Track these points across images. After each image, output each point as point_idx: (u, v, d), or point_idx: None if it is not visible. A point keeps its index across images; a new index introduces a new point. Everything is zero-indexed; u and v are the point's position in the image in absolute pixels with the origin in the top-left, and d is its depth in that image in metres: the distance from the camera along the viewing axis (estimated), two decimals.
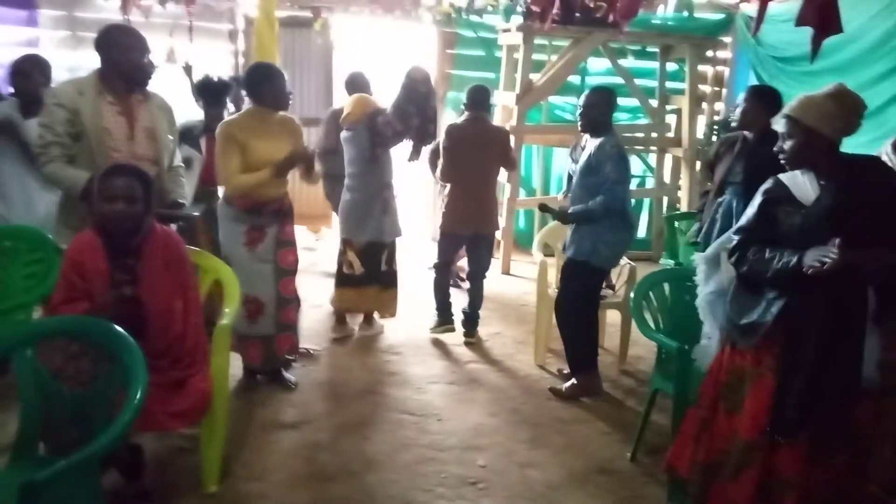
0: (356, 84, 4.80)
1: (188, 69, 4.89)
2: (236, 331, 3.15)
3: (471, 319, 4.43)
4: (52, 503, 1.71)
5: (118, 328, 2.10)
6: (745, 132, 3.46)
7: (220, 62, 6.56)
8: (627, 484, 2.89)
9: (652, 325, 3.07)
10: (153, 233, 2.47)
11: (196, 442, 2.90)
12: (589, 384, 3.71)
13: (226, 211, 3.42)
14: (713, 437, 2.41)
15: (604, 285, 4.12)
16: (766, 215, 2.28)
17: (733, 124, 3.55)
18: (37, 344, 2.17)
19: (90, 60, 2.99)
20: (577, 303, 3.72)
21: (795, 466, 2.28)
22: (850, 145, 2.30)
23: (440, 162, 4.37)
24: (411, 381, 3.78)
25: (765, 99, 3.43)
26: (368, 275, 4.22)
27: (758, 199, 2.34)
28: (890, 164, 2.54)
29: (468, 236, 4.38)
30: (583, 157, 3.64)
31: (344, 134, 4.16)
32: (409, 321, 4.62)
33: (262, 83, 3.35)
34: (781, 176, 2.32)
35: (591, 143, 3.61)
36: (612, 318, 4.38)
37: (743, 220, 2.37)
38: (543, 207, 3.89)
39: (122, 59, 2.84)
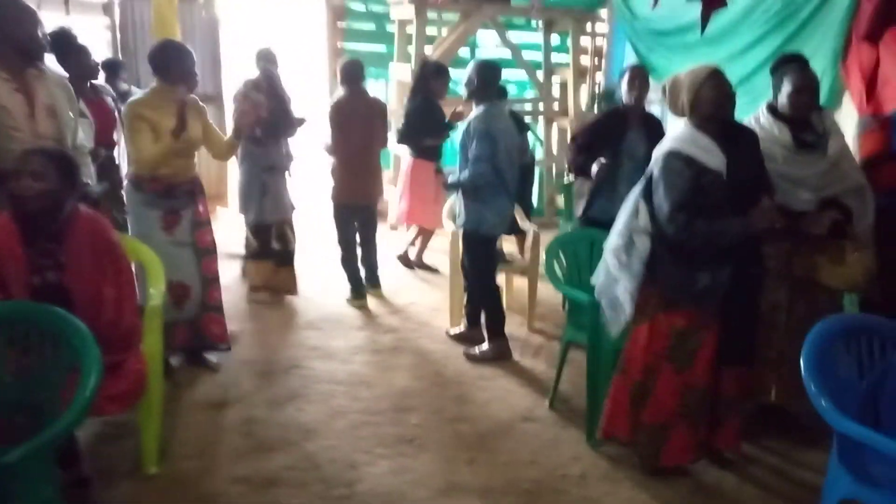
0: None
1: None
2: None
3: (373, 283, 4.76)
4: (13, 490, 1.70)
5: (65, 312, 2.06)
6: (630, 108, 3.69)
7: (96, 36, 6.19)
8: (549, 429, 3.15)
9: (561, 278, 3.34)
10: (77, 217, 2.39)
11: (124, 427, 2.89)
12: (499, 349, 3.90)
13: (137, 196, 3.33)
14: (658, 399, 2.65)
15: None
16: (693, 188, 2.47)
17: (631, 101, 3.71)
18: None
19: None
20: (475, 270, 3.94)
21: (737, 388, 2.71)
22: None
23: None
24: (336, 354, 3.87)
25: (649, 77, 3.74)
26: (261, 251, 4.48)
27: (677, 175, 2.49)
28: (766, 124, 2.88)
29: (359, 206, 4.54)
30: (462, 126, 3.82)
31: None
32: (325, 297, 4.69)
33: (172, 60, 3.28)
34: (682, 150, 2.50)
35: (472, 113, 3.75)
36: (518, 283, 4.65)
37: (674, 196, 2.48)
38: (439, 170, 4.11)
39: (15, 31, 2.70)
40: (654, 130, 3.61)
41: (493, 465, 2.83)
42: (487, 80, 3.72)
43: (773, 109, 2.92)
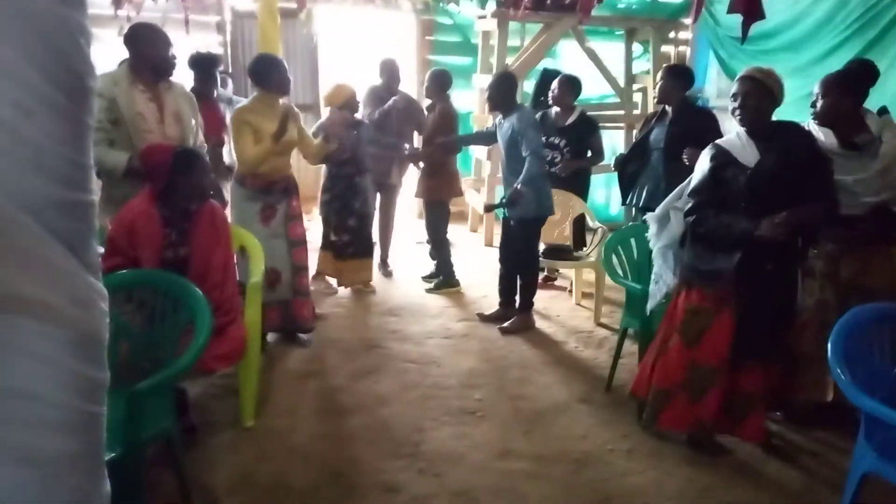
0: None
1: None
2: None
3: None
4: (146, 414, 2.13)
5: (185, 280, 2.52)
6: (666, 105, 3.99)
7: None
8: (603, 410, 3.38)
9: (620, 273, 3.56)
10: (206, 202, 2.89)
11: (225, 389, 3.35)
12: (529, 320, 4.39)
13: (240, 192, 3.83)
14: (666, 367, 2.89)
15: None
16: (715, 178, 2.73)
17: (654, 99, 4.08)
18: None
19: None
20: (532, 252, 4.35)
21: (758, 384, 2.81)
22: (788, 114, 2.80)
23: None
24: (411, 337, 4.24)
25: (680, 76, 3.98)
26: (323, 242, 4.87)
27: (705, 164, 2.78)
28: (814, 129, 3.01)
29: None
30: (504, 134, 4.20)
31: None
32: (406, 286, 5.09)
33: (269, 70, 3.75)
34: (720, 142, 2.78)
35: (507, 121, 4.17)
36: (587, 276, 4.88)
37: (695, 182, 2.82)
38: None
39: (151, 52, 3.22)
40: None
41: (546, 437, 3.09)
42: (509, 91, 4.19)
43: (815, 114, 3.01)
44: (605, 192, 7.63)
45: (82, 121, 0.89)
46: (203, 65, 4.50)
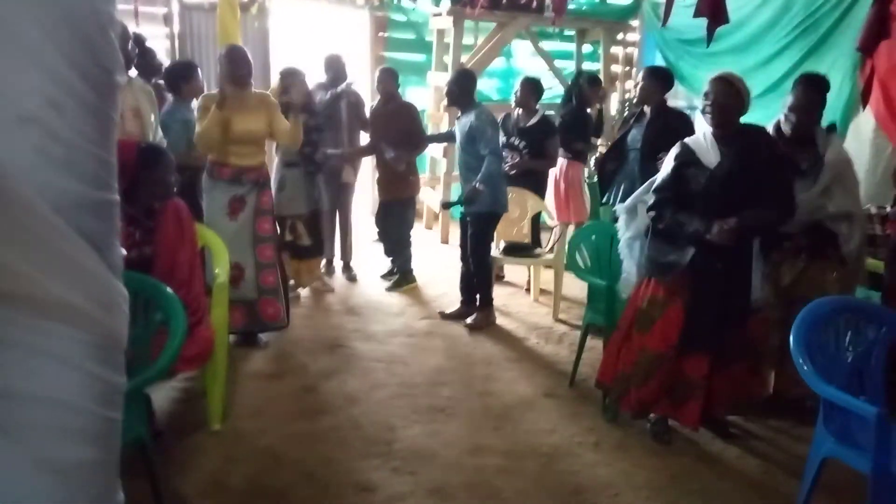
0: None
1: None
2: None
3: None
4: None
5: (157, 281, 2.45)
6: (645, 106, 4.09)
7: (157, 45, 6.68)
8: (568, 404, 3.45)
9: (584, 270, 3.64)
10: (169, 199, 2.82)
11: (189, 392, 3.28)
12: (490, 316, 4.47)
13: (209, 182, 3.75)
14: (627, 352, 3.02)
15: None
16: (677, 176, 2.86)
17: (634, 100, 4.20)
18: None
19: None
20: (484, 247, 4.43)
21: (700, 372, 2.91)
22: (749, 118, 2.90)
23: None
24: (374, 336, 4.22)
25: (660, 78, 4.09)
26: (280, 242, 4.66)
27: (671, 161, 2.90)
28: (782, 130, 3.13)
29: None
30: (462, 130, 4.29)
31: None
32: (364, 286, 5.07)
33: (229, 66, 3.67)
34: (687, 141, 2.90)
35: (465, 117, 4.27)
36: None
37: (659, 179, 2.94)
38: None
39: None
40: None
41: (516, 432, 3.14)
42: (469, 88, 4.27)
43: (777, 126, 3.13)
44: None
45: (110, 117, 0.87)
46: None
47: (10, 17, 0.72)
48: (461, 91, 4.27)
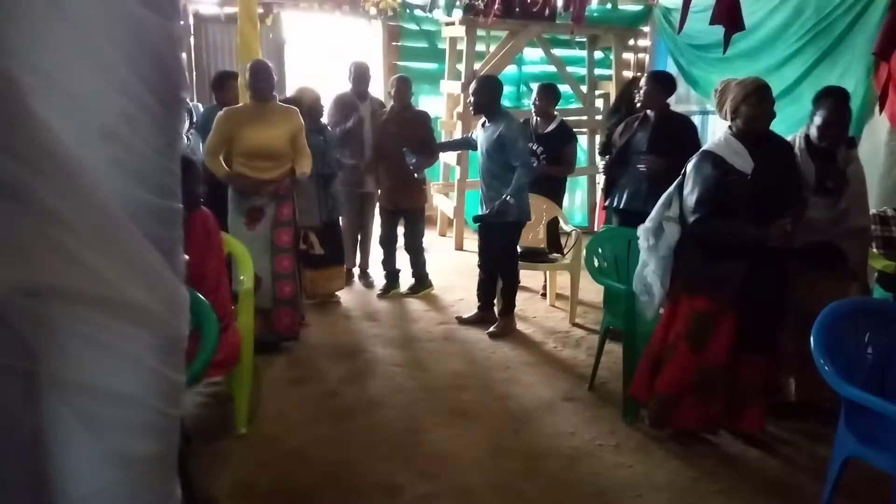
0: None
1: None
2: None
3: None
4: None
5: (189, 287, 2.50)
6: (648, 111, 4.12)
7: None
8: (587, 407, 3.48)
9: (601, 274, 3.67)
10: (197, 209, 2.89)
11: (216, 397, 3.34)
12: (512, 323, 4.48)
13: (231, 191, 3.83)
14: (671, 372, 2.97)
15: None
16: (718, 186, 2.81)
17: (637, 104, 4.21)
18: None
19: None
20: (512, 255, 4.44)
21: (758, 377, 2.98)
22: None
23: None
24: (393, 341, 4.27)
25: (662, 82, 4.12)
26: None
27: (706, 172, 2.82)
28: (800, 156, 3.09)
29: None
30: (488, 137, 4.25)
31: None
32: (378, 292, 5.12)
33: (249, 79, 3.75)
34: (714, 150, 2.85)
35: (492, 125, 4.25)
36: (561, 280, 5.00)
37: (699, 192, 2.83)
38: (477, 219, 4.45)
39: None
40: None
41: (536, 435, 3.17)
42: (496, 95, 4.27)
43: (807, 139, 3.13)
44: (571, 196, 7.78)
45: (176, 130, 0.92)
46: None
47: (92, 36, 0.77)
48: (487, 99, 4.24)
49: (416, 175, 4.76)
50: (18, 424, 0.80)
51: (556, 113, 5.02)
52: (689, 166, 2.92)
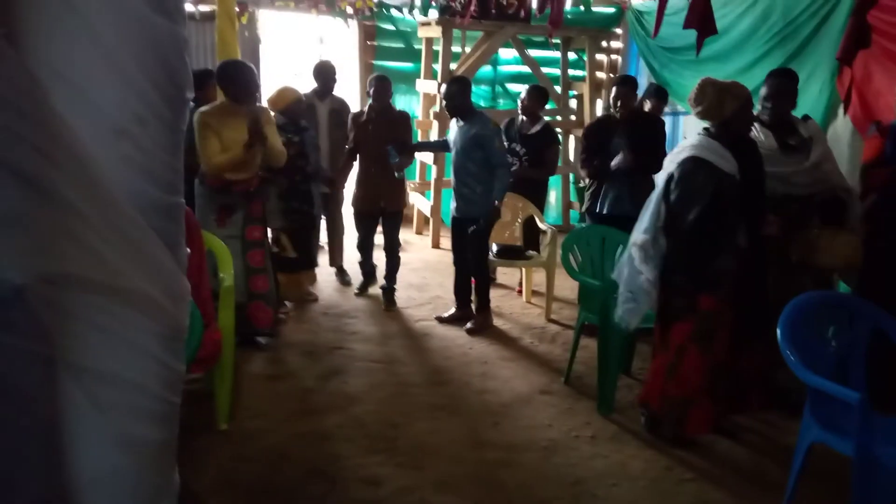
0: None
1: None
2: None
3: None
4: None
5: None
6: (621, 113, 4.21)
7: None
8: (564, 400, 3.56)
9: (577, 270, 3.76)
10: None
11: (193, 393, 3.33)
12: (489, 318, 4.56)
13: (199, 189, 3.81)
14: (684, 376, 2.99)
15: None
16: (716, 191, 2.84)
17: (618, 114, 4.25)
18: None
19: None
20: (483, 251, 4.52)
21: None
22: None
23: None
24: (372, 338, 4.31)
25: (629, 83, 4.25)
26: None
27: (701, 181, 2.85)
28: (756, 132, 3.29)
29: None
30: (463, 136, 4.30)
31: None
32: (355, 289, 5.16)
33: (227, 81, 3.75)
34: (701, 156, 2.87)
35: (467, 124, 4.30)
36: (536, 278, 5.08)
37: (696, 200, 2.85)
38: (475, 230, 4.47)
39: None
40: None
41: (515, 427, 3.24)
42: (469, 95, 4.36)
43: (757, 118, 3.29)
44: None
45: (180, 129, 0.97)
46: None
47: (107, 40, 0.81)
48: (461, 99, 4.30)
49: (395, 174, 4.69)
50: (38, 406, 0.83)
51: (542, 115, 5.08)
52: (676, 173, 2.91)
